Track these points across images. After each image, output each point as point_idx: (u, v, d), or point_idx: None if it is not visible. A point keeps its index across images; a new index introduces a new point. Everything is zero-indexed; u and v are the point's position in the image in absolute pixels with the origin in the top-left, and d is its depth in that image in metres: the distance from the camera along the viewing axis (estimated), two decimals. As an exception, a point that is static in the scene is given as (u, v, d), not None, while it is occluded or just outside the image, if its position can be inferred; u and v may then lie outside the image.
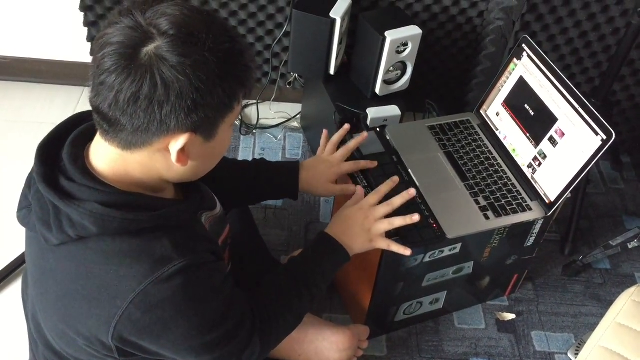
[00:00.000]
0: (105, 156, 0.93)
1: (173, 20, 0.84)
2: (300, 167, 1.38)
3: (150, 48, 0.82)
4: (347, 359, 1.40)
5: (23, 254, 1.67)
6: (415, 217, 1.24)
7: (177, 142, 0.88)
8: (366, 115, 1.68)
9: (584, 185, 1.85)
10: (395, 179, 1.31)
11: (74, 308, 0.93)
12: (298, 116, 2.15)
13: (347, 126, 1.45)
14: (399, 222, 1.23)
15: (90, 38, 1.99)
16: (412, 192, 1.27)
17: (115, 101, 0.83)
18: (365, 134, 1.44)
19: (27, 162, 0.99)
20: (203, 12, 0.88)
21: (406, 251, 1.23)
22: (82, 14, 1.92)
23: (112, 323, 0.90)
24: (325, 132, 1.47)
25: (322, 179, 1.37)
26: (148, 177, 0.94)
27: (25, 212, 0.97)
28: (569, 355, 1.60)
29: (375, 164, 1.40)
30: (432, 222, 1.31)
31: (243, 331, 1.04)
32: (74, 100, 2.15)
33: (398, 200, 1.26)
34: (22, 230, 1.04)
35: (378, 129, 1.51)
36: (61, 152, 0.94)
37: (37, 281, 1.01)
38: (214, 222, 1.14)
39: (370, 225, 1.22)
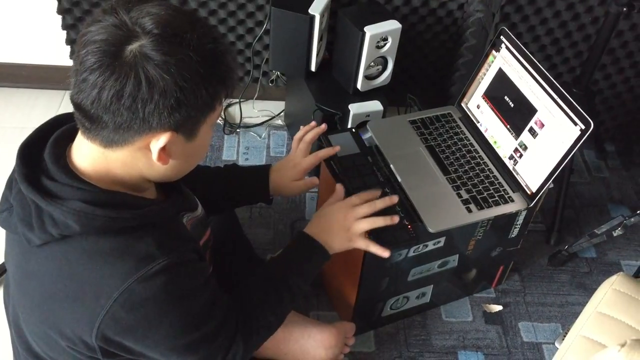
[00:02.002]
0: (86, 155, 0.92)
1: (158, 20, 0.84)
2: (270, 171, 1.37)
3: (134, 46, 0.82)
4: (333, 356, 1.40)
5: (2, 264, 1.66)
6: (395, 219, 1.24)
7: (159, 141, 0.88)
8: (343, 115, 1.67)
9: (567, 175, 1.85)
10: (377, 193, 1.30)
11: (57, 309, 0.93)
12: (281, 114, 2.15)
13: (323, 126, 1.41)
14: (380, 222, 1.23)
15: (69, 41, 1.98)
16: (394, 199, 1.28)
17: (98, 98, 0.83)
18: (337, 147, 1.40)
19: (8, 167, 0.98)
20: (187, 13, 0.89)
21: (384, 253, 1.23)
22: (60, 17, 1.91)
23: (96, 323, 0.90)
24: (301, 128, 1.43)
25: (287, 179, 1.36)
26: (129, 176, 0.94)
27: (6, 214, 0.97)
28: (557, 344, 1.61)
29: (337, 148, 1.38)
30: (407, 223, 1.30)
31: (226, 331, 1.04)
32: (55, 104, 2.13)
33: (380, 204, 1.25)
34: (2, 236, 1.03)
35: (353, 130, 1.49)
36: (42, 154, 0.94)
37: (19, 284, 1.00)
38: (195, 224, 1.14)
39: (350, 224, 1.22)
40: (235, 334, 1.06)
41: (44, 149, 0.94)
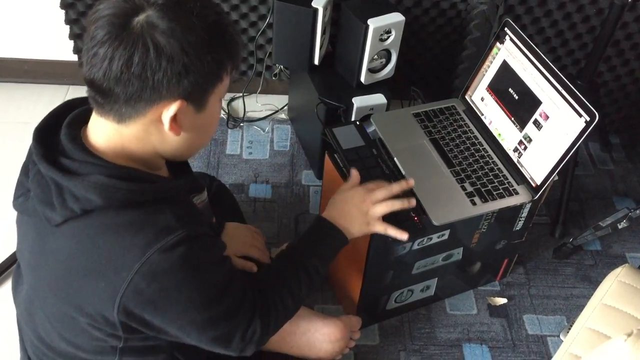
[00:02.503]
0: (101, 132, 0.95)
1: None
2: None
3: (141, 17, 0.86)
4: (339, 349, 1.40)
5: (10, 256, 1.66)
6: (413, 202, 1.24)
7: (169, 110, 0.91)
8: (347, 108, 1.67)
9: (572, 167, 1.85)
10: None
11: (78, 285, 0.94)
12: (285, 108, 2.14)
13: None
14: (398, 205, 1.22)
15: (72, 35, 1.97)
16: (411, 182, 1.28)
17: (109, 69, 0.86)
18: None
19: (13, 161, 0.99)
20: None
21: (403, 235, 1.22)
22: (63, 11, 1.91)
23: (118, 296, 0.91)
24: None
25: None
26: (143, 152, 0.97)
27: (22, 199, 0.99)
28: (561, 337, 1.61)
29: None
30: (414, 215, 1.30)
31: (245, 310, 1.05)
32: (59, 99, 2.13)
33: (396, 187, 1.25)
34: (9, 232, 1.04)
35: (357, 123, 1.49)
36: (57, 136, 0.96)
37: (34, 268, 1.01)
38: (203, 207, 1.16)
39: (368, 208, 1.21)
40: (254, 314, 1.06)
41: (58, 132, 0.97)
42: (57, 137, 0.96)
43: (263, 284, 1.12)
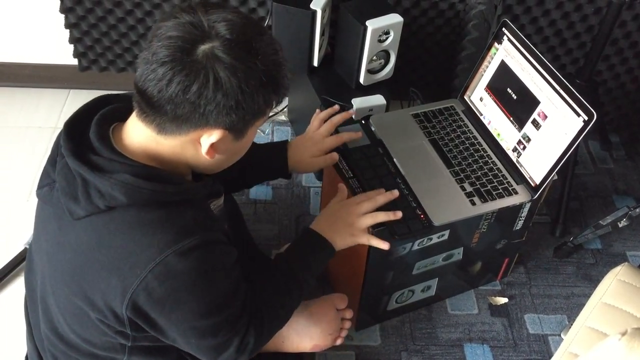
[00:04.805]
0: (138, 135, 0.97)
1: (232, 25, 0.90)
2: (288, 146, 1.41)
3: (207, 47, 0.88)
4: (329, 329, 1.36)
5: (16, 256, 1.66)
6: (398, 214, 1.27)
7: (211, 137, 0.94)
8: (351, 107, 1.67)
9: (572, 166, 1.85)
10: (381, 191, 1.32)
11: (92, 278, 0.96)
12: (285, 109, 2.15)
13: (336, 107, 1.47)
14: (381, 217, 1.26)
15: (72, 39, 1.98)
16: (395, 193, 1.31)
17: (166, 89, 0.89)
18: (351, 111, 1.47)
19: (15, 165, 1.00)
20: (256, 23, 0.96)
21: (384, 245, 1.25)
22: (63, 15, 1.91)
23: (129, 292, 0.93)
24: (317, 110, 1.49)
25: (306, 156, 1.40)
26: (176, 162, 1.00)
27: (46, 189, 1.01)
28: (562, 336, 1.61)
29: (359, 134, 1.43)
30: (420, 212, 1.32)
31: (243, 320, 1.06)
32: (60, 103, 2.14)
33: (381, 199, 1.29)
34: (15, 233, 1.04)
35: (363, 121, 1.50)
36: (86, 132, 0.98)
37: (51, 257, 1.03)
38: (219, 214, 1.17)
39: (354, 220, 1.25)
40: (249, 325, 1.08)
41: (88, 127, 0.98)
42: (87, 132, 0.98)
43: (255, 296, 1.13)
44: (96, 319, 0.99)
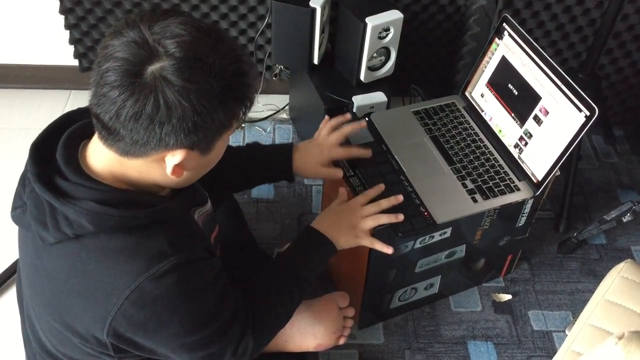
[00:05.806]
0: (102, 158, 0.94)
1: (180, 42, 0.84)
2: (294, 149, 1.37)
3: (155, 67, 0.83)
4: (332, 328, 1.35)
5: (16, 260, 1.67)
6: (400, 217, 1.26)
7: (174, 157, 0.90)
8: (352, 104, 1.67)
9: (575, 161, 1.84)
10: (381, 187, 1.31)
11: (69, 306, 0.94)
12: (286, 107, 2.14)
13: (347, 115, 1.43)
14: (384, 219, 1.25)
15: (72, 40, 1.98)
16: (400, 198, 1.29)
17: (117, 115, 0.84)
18: (363, 122, 1.43)
19: (15, 168, 0.99)
20: (211, 33, 0.88)
21: (388, 249, 1.25)
22: (63, 16, 1.91)
23: (108, 320, 0.91)
24: (326, 117, 1.45)
25: (313, 162, 1.37)
26: (144, 182, 0.96)
27: (19, 211, 0.98)
28: (567, 332, 1.59)
29: (369, 153, 1.39)
30: (424, 210, 1.31)
31: (236, 326, 1.05)
32: (61, 104, 2.14)
33: (385, 203, 1.27)
34: (15, 236, 1.04)
35: (367, 118, 1.49)
36: (54, 152, 0.95)
37: (31, 281, 1.01)
38: (206, 220, 1.15)
39: (357, 221, 1.24)
40: (245, 328, 1.06)
41: (55, 148, 0.95)
42: (54, 153, 0.95)
43: (255, 296, 1.12)
44: (78, 343, 0.97)
